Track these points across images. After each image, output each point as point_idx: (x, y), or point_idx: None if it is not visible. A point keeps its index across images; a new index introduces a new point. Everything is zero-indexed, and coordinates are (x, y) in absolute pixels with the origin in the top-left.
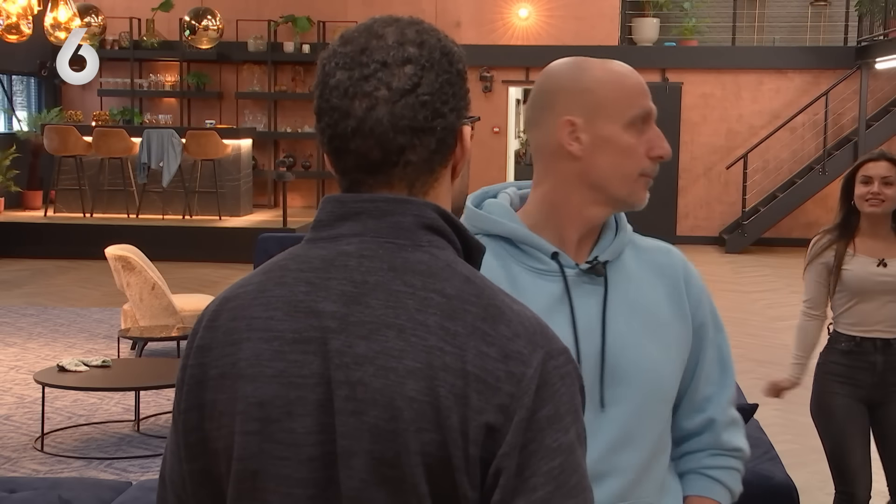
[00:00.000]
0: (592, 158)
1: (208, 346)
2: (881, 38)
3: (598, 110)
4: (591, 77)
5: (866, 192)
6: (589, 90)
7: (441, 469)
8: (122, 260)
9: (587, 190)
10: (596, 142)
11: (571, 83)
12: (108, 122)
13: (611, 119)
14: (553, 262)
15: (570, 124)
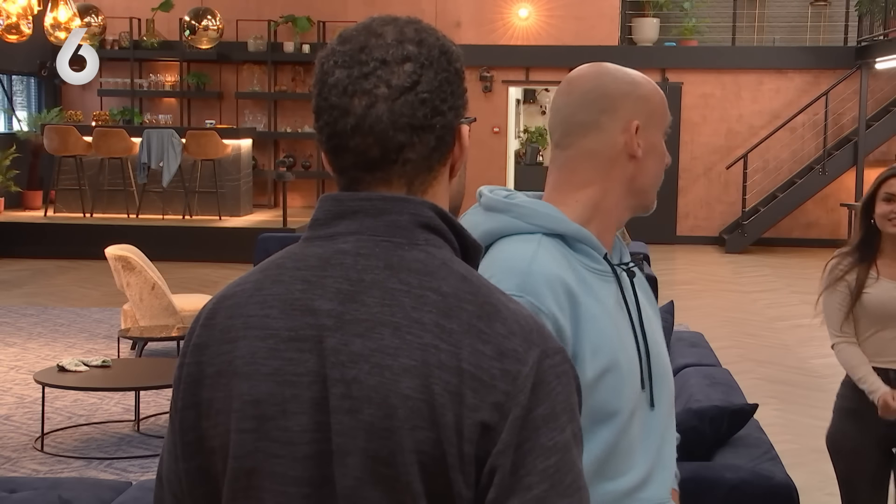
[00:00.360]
0: (645, 163)
1: (205, 344)
2: (881, 38)
3: (652, 118)
4: (646, 85)
5: (889, 210)
6: (646, 98)
7: (436, 467)
8: (122, 260)
9: (630, 195)
10: (648, 148)
11: (633, 89)
12: (108, 122)
13: (658, 127)
14: (605, 262)
15: (638, 127)
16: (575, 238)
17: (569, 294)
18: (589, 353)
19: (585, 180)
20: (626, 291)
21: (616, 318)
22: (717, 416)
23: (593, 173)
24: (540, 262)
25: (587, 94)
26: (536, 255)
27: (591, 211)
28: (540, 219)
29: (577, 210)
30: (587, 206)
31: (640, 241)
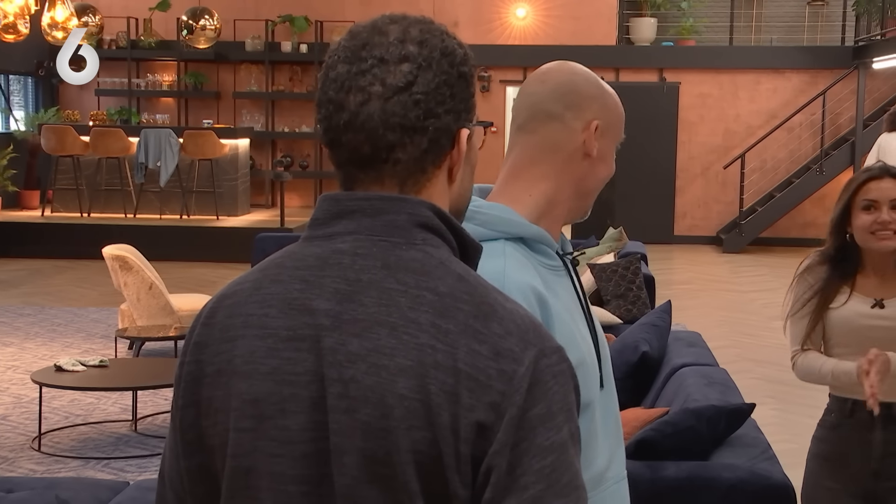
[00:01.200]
0: (596, 166)
1: (205, 342)
2: (878, 37)
3: (610, 127)
4: (613, 96)
5: (871, 221)
6: (610, 107)
7: (432, 467)
8: (119, 260)
9: (577, 195)
10: (601, 154)
11: (601, 94)
12: (105, 122)
13: (613, 138)
14: (557, 257)
15: (598, 128)
16: (534, 239)
17: (540, 300)
18: None
19: (541, 174)
20: (574, 280)
21: (572, 312)
22: (715, 415)
23: (549, 167)
24: (511, 275)
25: (559, 87)
26: (506, 269)
27: (546, 205)
28: (502, 225)
29: (531, 205)
30: (540, 200)
31: (638, 240)
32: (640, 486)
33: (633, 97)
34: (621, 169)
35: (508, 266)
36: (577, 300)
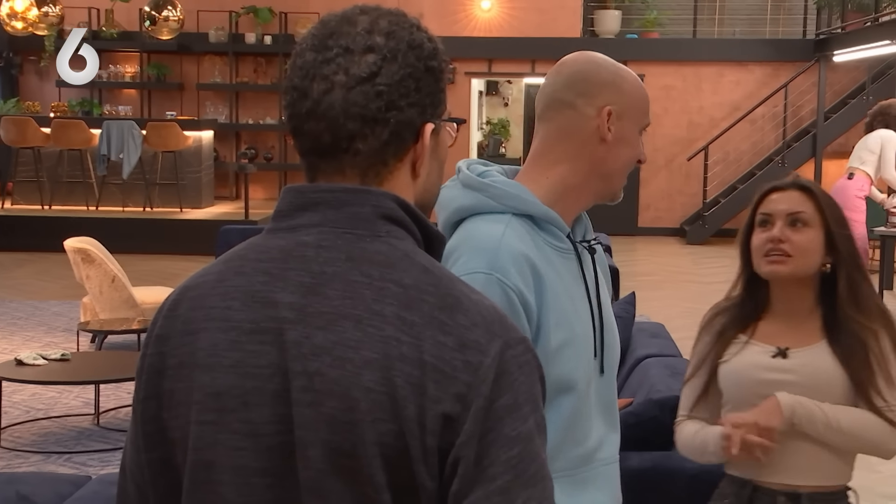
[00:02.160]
0: (614, 150)
1: (167, 335)
2: (839, 31)
3: (629, 111)
4: (626, 79)
5: (764, 240)
6: (626, 91)
7: (398, 459)
8: (81, 252)
9: (596, 178)
10: (619, 137)
11: (615, 79)
12: (66, 114)
13: (634, 122)
14: (567, 240)
15: (610, 114)
16: (542, 219)
17: (533, 270)
18: (553, 325)
19: (557, 158)
20: (586, 267)
21: (573, 293)
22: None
23: (564, 152)
24: (507, 241)
25: (572, 76)
26: (504, 235)
27: (562, 189)
28: (511, 200)
29: (546, 188)
30: (556, 183)
31: (602, 232)
32: None
33: None
34: None
35: (508, 233)
36: (583, 285)
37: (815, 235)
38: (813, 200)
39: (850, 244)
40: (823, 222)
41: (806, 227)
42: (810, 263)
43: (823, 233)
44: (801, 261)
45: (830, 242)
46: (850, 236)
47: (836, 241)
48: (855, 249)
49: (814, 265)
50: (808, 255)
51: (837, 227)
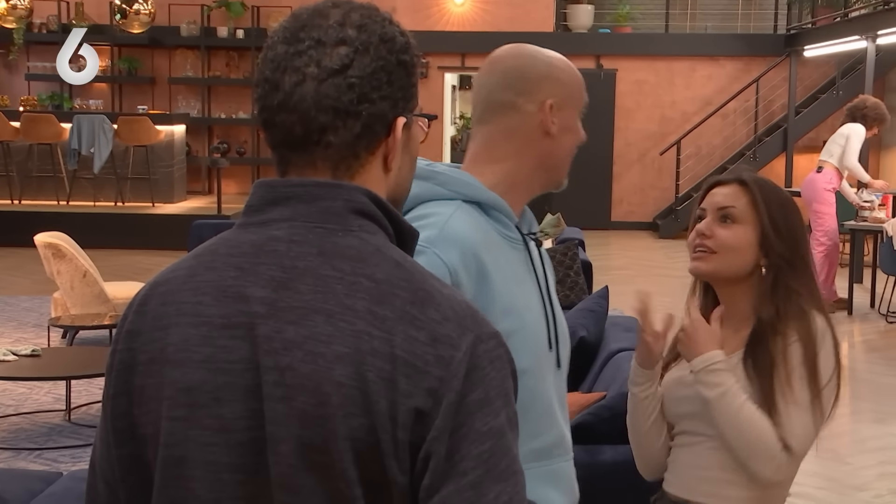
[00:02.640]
0: (560, 140)
1: (137, 330)
2: (809, 26)
3: (567, 99)
4: (563, 69)
5: (693, 237)
6: (562, 80)
7: (370, 454)
8: (52, 247)
9: (542, 170)
10: (563, 126)
11: (549, 71)
12: (36, 108)
13: (573, 107)
14: (517, 231)
15: (551, 108)
16: (490, 205)
17: (476, 256)
18: (499, 312)
19: (502, 155)
20: (535, 258)
21: (522, 282)
22: None
23: (510, 149)
24: (453, 222)
25: (507, 74)
26: (452, 217)
27: (508, 184)
28: (459, 186)
29: (493, 181)
30: (502, 178)
31: (575, 226)
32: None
33: None
34: None
35: (456, 215)
36: (534, 277)
37: (745, 233)
38: (748, 196)
39: (786, 245)
40: (758, 219)
41: (735, 223)
42: (737, 263)
43: (757, 231)
44: (725, 258)
45: (765, 241)
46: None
47: (769, 241)
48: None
49: (742, 265)
50: (733, 252)
51: (774, 226)
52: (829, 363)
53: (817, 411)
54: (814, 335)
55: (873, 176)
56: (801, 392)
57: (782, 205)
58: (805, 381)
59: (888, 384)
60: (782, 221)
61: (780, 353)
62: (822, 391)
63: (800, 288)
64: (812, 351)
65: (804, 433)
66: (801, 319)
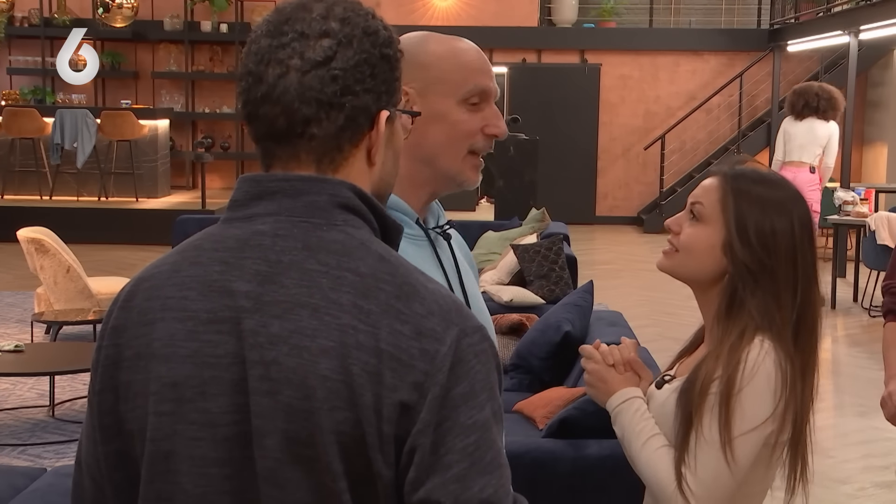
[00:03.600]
0: (424, 131)
1: (123, 326)
2: (792, 20)
3: (432, 85)
4: (430, 52)
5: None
6: (424, 65)
7: (355, 447)
8: (35, 242)
9: (424, 165)
10: (428, 116)
11: (410, 56)
12: (18, 102)
13: (445, 94)
14: (417, 227)
15: (405, 94)
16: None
17: None
18: None
19: None
20: (442, 252)
21: None
22: None
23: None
24: None
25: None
26: None
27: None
28: None
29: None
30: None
31: (560, 221)
32: (562, 464)
33: (554, 78)
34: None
35: None
36: (441, 272)
37: (707, 234)
38: (720, 192)
39: (751, 253)
40: (725, 220)
41: (700, 221)
42: (694, 266)
43: (722, 234)
44: (682, 259)
45: (729, 246)
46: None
47: (732, 246)
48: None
49: (700, 269)
50: (692, 254)
51: (740, 229)
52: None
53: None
54: (738, 367)
55: (855, 170)
56: (711, 432)
57: (763, 206)
58: (717, 420)
59: (871, 378)
60: (754, 225)
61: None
62: (733, 437)
63: (756, 308)
64: (729, 387)
65: (711, 478)
66: (735, 346)
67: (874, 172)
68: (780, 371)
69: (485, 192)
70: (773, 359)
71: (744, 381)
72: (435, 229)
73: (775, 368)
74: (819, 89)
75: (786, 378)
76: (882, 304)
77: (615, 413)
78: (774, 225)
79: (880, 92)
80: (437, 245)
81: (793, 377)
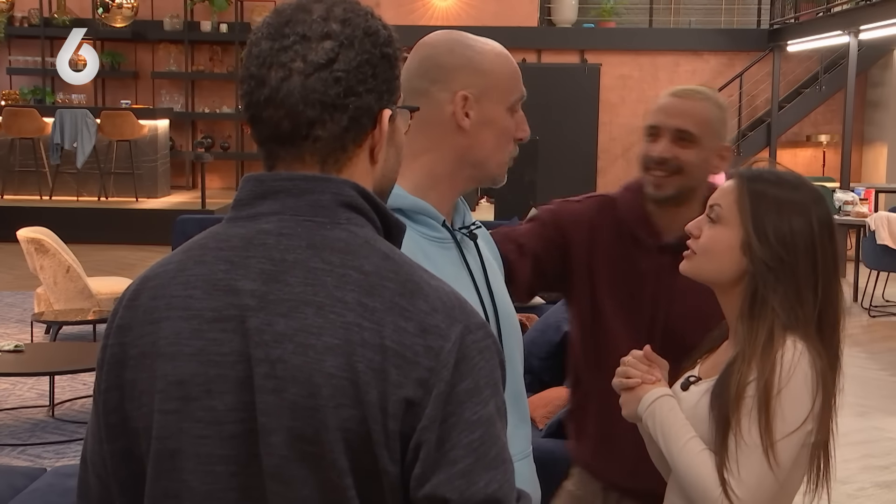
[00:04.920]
0: (478, 135)
1: (128, 325)
2: (792, 20)
3: (489, 91)
4: (487, 59)
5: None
6: (484, 71)
7: (361, 444)
8: (34, 242)
9: (468, 166)
10: (482, 120)
11: (468, 62)
12: (18, 102)
13: (498, 101)
14: (444, 229)
15: (465, 99)
16: (412, 210)
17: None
18: None
19: (419, 149)
20: (469, 254)
21: (456, 283)
22: None
23: (425, 142)
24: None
25: (423, 62)
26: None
27: (429, 179)
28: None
29: (415, 180)
30: (423, 174)
31: None
32: (562, 464)
33: (554, 78)
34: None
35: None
36: (467, 274)
37: (725, 235)
38: (737, 193)
39: (771, 251)
40: (742, 221)
41: (718, 223)
42: (714, 267)
43: (740, 234)
44: (702, 261)
45: (747, 246)
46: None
47: (751, 245)
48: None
49: (720, 270)
50: (708, 256)
51: (758, 228)
52: (797, 404)
53: (773, 459)
54: (774, 370)
55: (855, 170)
56: (751, 436)
57: (779, 204)
58: (757, 424)
59: (871, 378)
60: (772, 223)
61: (741, 386)
62: (775, 440)
63: (780, 305)
64: (768, 390)
65: (756, 483)
66: (767, 348)
67: (874, 172)
68: (815, 371)
69: (485, 192)
70: (808, 359)
71: (781, 383)
72: (461, 230)
73: (811, 368)
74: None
75: (820, 377)
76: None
77: (648, 412)
78: (793, 225)
79: (880, 92)
80: (464, 246)
81: (824, 375)
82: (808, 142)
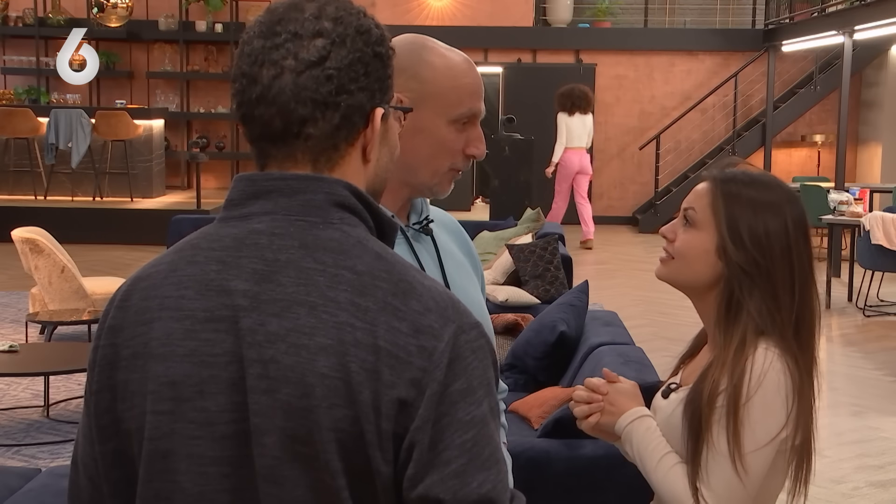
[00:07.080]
0: (409, 140)
1: (120, 326)
2: (787, 20)
3: (426, 99)
4: (429, 65)
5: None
6: (422, 78)
7: (354, 444)
8: (29, 242)
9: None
10: (415, 127)
11: (411, 66)
12: (12, 102)
13: (436, 112)
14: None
15: (400, 102)
16: None
17: None
18: None
19: None
20: (421, 248)
21: None
22: None
23: None
24: None
25: None
26: None
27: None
28: None
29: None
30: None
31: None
32: (558, 464)
33: (549, 78)
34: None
35: None
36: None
37: (700, 239)
38: (710, 196)
39: (745, 254)
40: (717, 224)
41: (693, 227)
42: (690, 272)
43: (715, 238)
44: (678, 266)
45: (722, 249)
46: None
47: (726, 249)
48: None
49: (696, 275)
50: (684, 260)
51: (732, 231)
52: (768, 413)
53: (741, 469)
54: (743, 377)
55: (850, 170)
56: (720, 444)
57: (754, 207)
58: (725, 431)
59: (865, 377)
60: (747, 227)
61: (713, 394)
62: (745, 452)
63: (754, 308)
64: (736, 398)
65: (725, 491)
66: (738, 354)
67: (868, 172)
68: (788, 377)
69: (480, 192)
70: (780, 366)
71: (751, 391)
72: (414, 226)
73: (784, 376)
74: (579, 90)
75: (795, 383)
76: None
77: (625, 434)
78: (767, 226)
79: (874, 92)
80: (417, 241)
81: (800, 380)
82: (803, 142)
